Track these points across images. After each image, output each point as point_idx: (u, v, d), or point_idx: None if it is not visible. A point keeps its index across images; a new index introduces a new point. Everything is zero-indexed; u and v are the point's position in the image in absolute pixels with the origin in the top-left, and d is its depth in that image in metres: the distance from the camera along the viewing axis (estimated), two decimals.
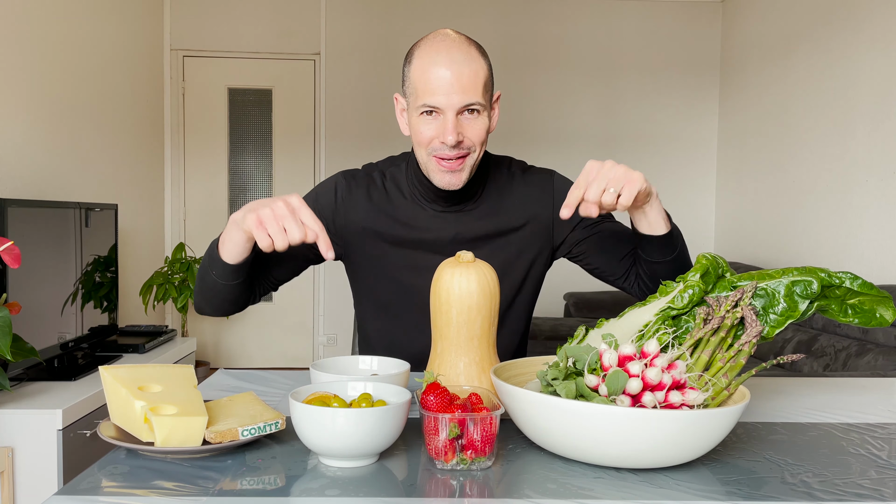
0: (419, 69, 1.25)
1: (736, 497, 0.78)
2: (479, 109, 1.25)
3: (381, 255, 1.40)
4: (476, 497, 0.77)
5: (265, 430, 0.90)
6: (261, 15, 4.85)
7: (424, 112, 1.26)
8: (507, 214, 1.40)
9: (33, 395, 2.30)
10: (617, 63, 5.01)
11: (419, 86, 1.25)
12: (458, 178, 1.29)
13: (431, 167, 1.29)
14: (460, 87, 1.22)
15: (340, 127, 4.91)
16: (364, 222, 1.39)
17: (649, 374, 0.85)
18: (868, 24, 3.37)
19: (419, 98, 1.25)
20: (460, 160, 1.27)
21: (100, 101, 3.71)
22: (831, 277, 0.99)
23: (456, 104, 1.23)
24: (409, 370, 1.08)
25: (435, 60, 1.24)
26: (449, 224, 1.38)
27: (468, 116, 1.25)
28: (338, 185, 1.41)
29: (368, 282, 1.43)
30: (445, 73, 1.22)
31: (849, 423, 1.08)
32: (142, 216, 4.37)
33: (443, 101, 1.23)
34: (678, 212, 5.06)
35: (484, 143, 1.29)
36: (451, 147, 1.25)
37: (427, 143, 1.27)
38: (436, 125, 1.25)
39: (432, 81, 1.23)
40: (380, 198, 1.40)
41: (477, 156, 1.29)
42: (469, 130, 1.25)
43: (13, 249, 1.64)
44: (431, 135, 1.26)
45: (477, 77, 1.24)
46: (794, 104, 3.99)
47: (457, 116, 1.24)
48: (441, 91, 1.22)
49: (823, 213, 3.69)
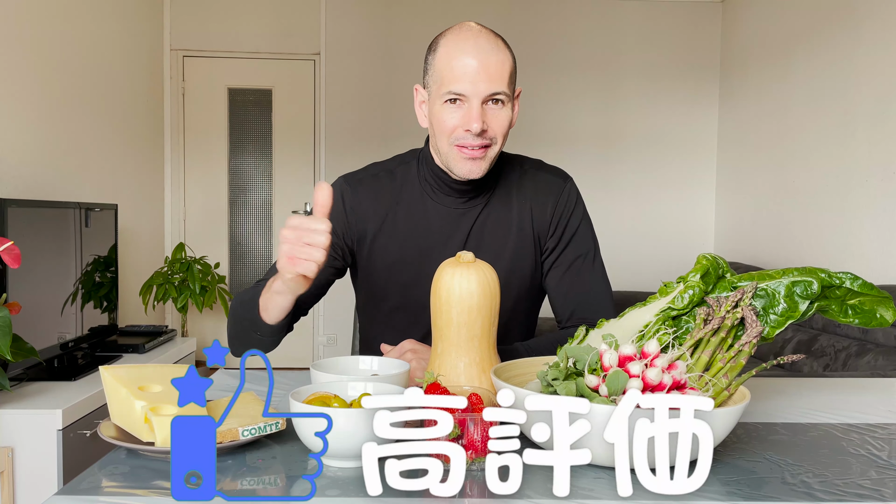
0: (445, 57, 1.24)
1: (736, 497, 0.78)
2: (503, 100, 1.24)
3: (389, 255, 1.38)
4: (476, 497, 0.77)
5: (265, 430, 0.90)
6: (261, 15, 4.85)
7: (448, 101, 1.23)
8: (517, 214, 1.38)
9: (33, 395, 2.30)
10: (617, 63, 5.01)
11: (445, 73, 1.23)
12: (478, 167, 1.26)
13: (453, 156, 1.27)
14: (487, 75, 1.21)
15: (340, 127, 4.91)
16: (372, 224, 1.37)
17: (649, 374, 0.85)
18: (868, 25, 3.37)
19: (444, 85, 1.23)
20: (482, 150, 1.25)
21: (100, 101, 3.71)
22: (831, 278, 0.99)
23: (482, 92, 1.21)
24: (409, 370, 1.08)
25: (462, 48, 1.22)
26: (459, 222, 1.36)
27: (493, 107, 1.24)
28: (344, 193, 1.38)
29: (378, 290, 1.40)
30: (472, 61, 1.21)
31: (849, 423, 1.08)
32: (142, 216, 4.37)
33: (469, 88, 1.21)
34: (678, 212, 5.07)
35: (505, 137, 1.28)
36: (476, 136, 1.23)
37: (450, 132, 1.25)
38: (460, 114, 1.23)
39: (458, 69, 1.21)
40: (387, 198, 1.38)
41: (498, 147, 1.27)
42: (493, 121, 1.24)
43: (13, 249, 1.64)
44: (455, 123, 1.24)
45: (503, 67, 1.22)
46: (794, 104, 3.99)
47: (482, 105, 1.22)
48: (467, 79, 1.21)
49: (824, 213, 3.69)
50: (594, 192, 4.98)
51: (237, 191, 4.96)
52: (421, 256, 1.36)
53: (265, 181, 4.96)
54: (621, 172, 5.01)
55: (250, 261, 4.99)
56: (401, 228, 1.36)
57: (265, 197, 4.97)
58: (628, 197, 5.05)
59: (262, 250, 5.01)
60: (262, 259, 5.00)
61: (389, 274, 1.38)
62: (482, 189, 1.36)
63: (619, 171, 5.01)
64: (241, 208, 4.97)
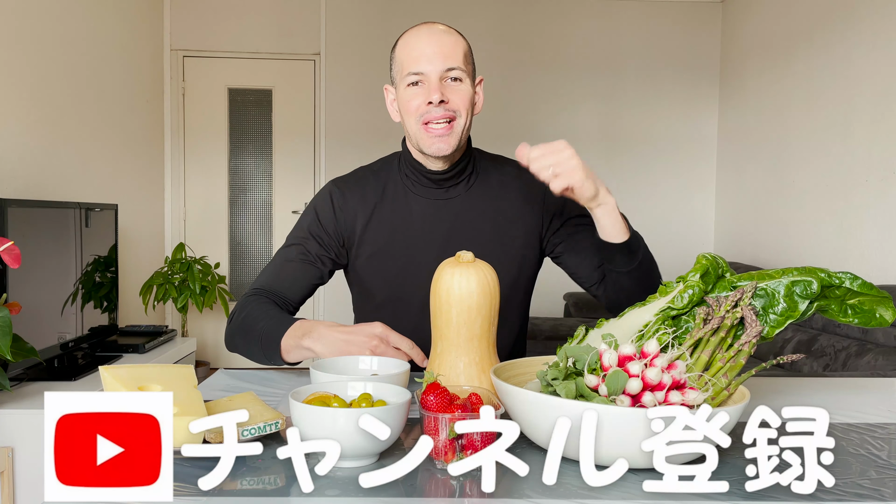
0: (403, 48, 1.35)
1: (736, 497, 0.78)
2: (460, 78, 1.33)
3: (379, 254, 1.42)
4: (476, 497, 0.77)
5: (265, 430, 0.90)
6: (261, 15, 4.85)
7: (411, 84, 1.32)
8: (502, 209, 1.42)
9: (33, 395, 2.30)
10: (617, 63, 5.01)
11: (404, 60, 1.34)
12: (446, 143, 1.33)
13: (421, 136, 1.33)
14: (442, 54, 1.31)
15: (340, 127, 4.91)
16: (361, 224, 1.42)
17: (649, 374, 0.85)
18: (868, 24, 3.37)
19: (404, 70, 1.33)
20: (448, 126, 1.32)
21: (100, 101, 3.71)
22: (831, 277, 0.99)
23: (439, 68, 1.31)
24: (409, 370, 1.07)
25: (417, 37, 1.34)
26: (440, 213, 1.41)
27: (451, 84, 1.32)
28: (332, 194, 1.45)
29: (368, 284, 1.44)
30: (426, 44, 1.32)
31: (849, 423, 1.08)
32: (142, 216, 4.37)
33: (426, 66, 1.31)
34: (678, 212, 5.07)
35: (468, 111, 1.35)
36: (437, 106, 1.30)
37: (415, 110, 1.33)
38: (422, 92, 1.32)
39: (415, 51, 1.32)
40: (374, 198, 1.43)
41: (464, 122, 1.34)
42: (453, 94, 1.32)
43: (13, 249, 1.64)
44: (418, 102, 1.32)
45: (456, 46, 1.33)
46: (794, 104, 3.99)
47: (440, 81, 1.31)
48: (424, 58, 1.31)
49: (823, 213, 3.69)
50: None
51: (237, 191, 4.96)
52: (406, 249, 1.41)
53: (265, 181, 4.96)
54: (621, 172, 5.01)
55: (250, 261, 4.99)
56: (386, 223, 1.42)
57: (265, 197, 4.97)
58: (628, 197, 5.04)
59: (262, 250, 5.00)
60: (262, 259, 5.00)
61: (377, 268, 1.43)
62: (460, 176, 1.41)
63: (619, 171, 5.01)
64: (241, 208, 4.97)
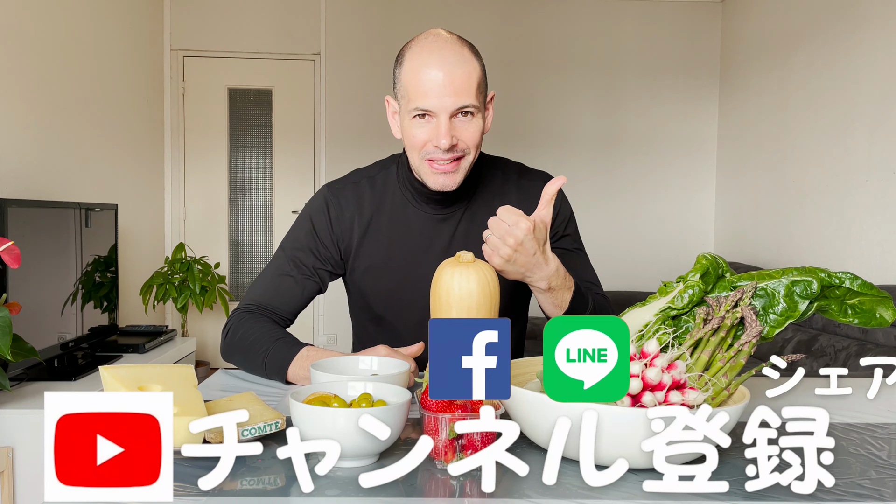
0: (410, 71, 1.22)
1: (736, 497, 0.78)
2: (472, 112, 1.22)
3: (376, 267, 1.38)
4: (476, 497, 0.77)
5: (265, 430, 0.90)
6: (261, 15, 4.85)
7: (417, 115, 1.22)
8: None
9: (33, 395, 2.30)
10: (617, 63, 5.01)
11: (411, 89, 1.22)
12: (452, 180, 1.26)
13: (425, 170, 1.27)
14: (453, 89, 1.19)
15: (340, 127, 4.91)
16: (358, 235, 1.37)
17: (649, 374, 0.85)
18: (868, 24, 3.37)
19: (411, 101, 1.22)
20: (454, 163, 1.25)
21: (100, 101, 3.71)
22: (831, 277, 0.99)
23: (449, 107, 1.20)
24: (409, 370, 1.07)
25: (426, 62, 1.20)
26: (440, 227, 1.36)
27: (462, 119, 1.22)
28: (328, 201, 1.39)
29: (366, 296, 1.41)
30: (437, 74, 1.19)
31: (849, 423, 1.08)
32: (142, 216, 4.37)
33: (435, 104, 1.19)
34: (678, 212, 5.07)
35: (478, 146, 1.27)
36: (445, 151, 1.22)
37: (420, 146, 1.24)
38: (429, 129, 1.22)
39: (424, 84, 1.19)
40: (369, 205, 1.38)
41: (472, 158, 1.27)
42: (463, 133, 1.22)
43: (13, 249, 1.64)
44: (424, 138, 1.23)
45: (470, 78, 1.21)
46: (794, 104, 3.99)
47: (450, 119, 1.21)
48: (433, 94, 1.19)
49: (823, 213, 3.69)
50: (594, 192, 4.99)
51: (237, 191, 4.96)
52: (405, 262, 1.36)
53: (265, 181, 4.96)
54: (621, 172, 5.01)
55: (250, 261, 4.99)
56: (384, 234, 1.37)
57: (265, 197, 4.97)
58: (628, 197, 5.05)
59: (262, 250, 5.00)
60: (262, 259, 5.00)
61: (375, 280, 1.38)
62: (461, 196, 1.35)
63: (619, 171, 5.01)
64: (241, 208, 4.97)
